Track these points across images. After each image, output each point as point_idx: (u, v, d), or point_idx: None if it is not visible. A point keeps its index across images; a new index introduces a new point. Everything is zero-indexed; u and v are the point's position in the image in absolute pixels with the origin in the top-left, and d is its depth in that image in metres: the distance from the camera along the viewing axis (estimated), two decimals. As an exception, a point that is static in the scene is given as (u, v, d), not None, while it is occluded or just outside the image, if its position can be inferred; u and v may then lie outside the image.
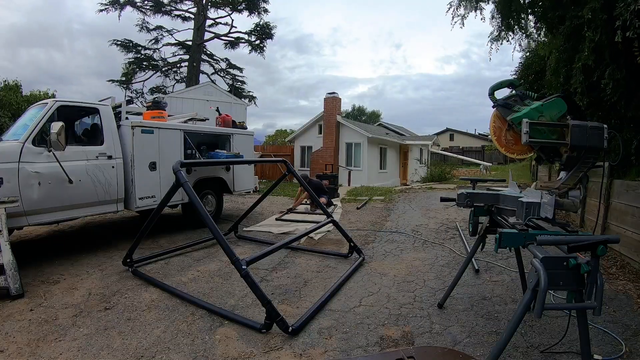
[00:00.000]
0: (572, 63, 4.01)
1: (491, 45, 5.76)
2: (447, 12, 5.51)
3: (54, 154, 3.86)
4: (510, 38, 5.72)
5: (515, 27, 5.49)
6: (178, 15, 19.28)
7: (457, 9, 5.42)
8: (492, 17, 5.47)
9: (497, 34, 5.61)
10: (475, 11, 5.41)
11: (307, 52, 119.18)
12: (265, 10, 19.29)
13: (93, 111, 4.62)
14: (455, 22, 5.52)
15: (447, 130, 41.97)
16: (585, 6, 3.42)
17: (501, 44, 5.77)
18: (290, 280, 3.66)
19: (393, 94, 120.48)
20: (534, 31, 5.84)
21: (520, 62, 8.61)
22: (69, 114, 4.41)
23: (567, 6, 3.94)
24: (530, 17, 5.42)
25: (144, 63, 19.57)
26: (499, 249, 1.97)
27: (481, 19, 5.53)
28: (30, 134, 3.84)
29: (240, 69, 21.18)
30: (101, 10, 17.61)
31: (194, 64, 18.78)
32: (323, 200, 6.97)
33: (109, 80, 19.05)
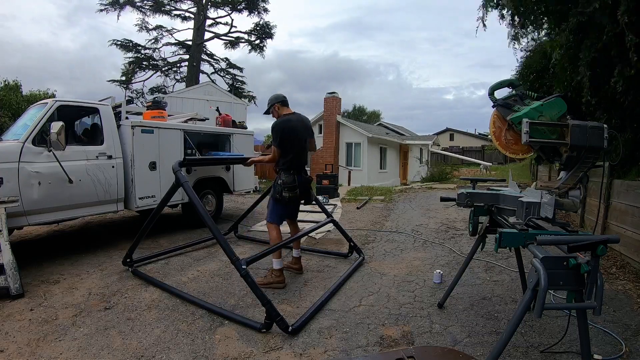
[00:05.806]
0: (577, 61, 3.98)
1: (512, 45, 5.85)
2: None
3: (54, 153, 3.86)
4: (527, 36, 5.81)
5: (530, 21, 5.49)
6: (178, 15, 19.27)
7: (485, 14, 5.44)
8: (510, 15, 5.48)
9: (514, 33, 5.65)
10: (496, 9, 5.41)
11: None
12: (265, 10, 19.31)
13: (93, 111, 4.62)
14: (478, 25, 5.56)
15: (447, 130, 41.96)
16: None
17: (520, 44, 5.87)
18: (290, 279, 3.66)
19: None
20: (543, 29, 5.87)
21: (521, 62, 8.61)
22: (69, 113, 4.41)
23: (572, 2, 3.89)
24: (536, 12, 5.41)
25: (144, 63, 19.57)
26: (499, 249, 1.97)
27: (500, 17, 5.50)
28: (30, 134, 3.84)
29: (240, 69, 21.18)
30: (101, 10, 17.62)
31: (194, 64, 18.77)
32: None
33: (109, 80, 19.08)
